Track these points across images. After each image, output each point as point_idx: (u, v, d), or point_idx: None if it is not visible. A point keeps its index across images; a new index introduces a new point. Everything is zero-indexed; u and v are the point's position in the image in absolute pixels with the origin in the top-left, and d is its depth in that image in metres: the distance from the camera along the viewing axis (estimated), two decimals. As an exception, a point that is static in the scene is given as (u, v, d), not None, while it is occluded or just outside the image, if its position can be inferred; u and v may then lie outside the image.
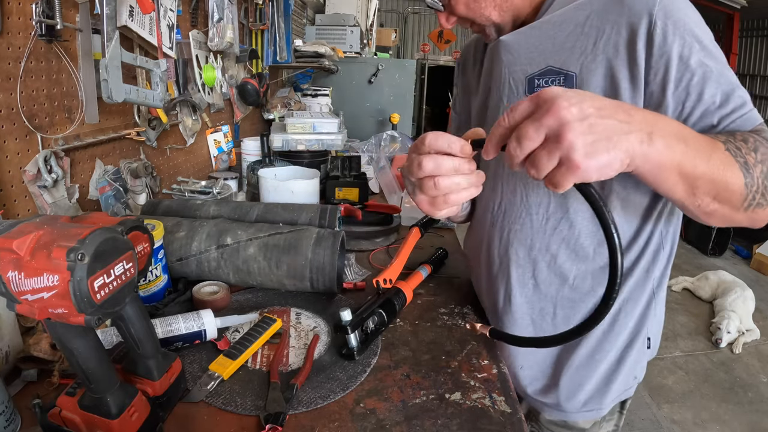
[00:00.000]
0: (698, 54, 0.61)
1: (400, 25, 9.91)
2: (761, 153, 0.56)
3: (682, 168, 0.50)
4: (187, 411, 0.65)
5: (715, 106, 0.61)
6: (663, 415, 2.33)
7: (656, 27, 0.61)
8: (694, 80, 0.61)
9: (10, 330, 0.69)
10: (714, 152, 0.53)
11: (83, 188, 1.05)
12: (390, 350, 0.81)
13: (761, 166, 0.55)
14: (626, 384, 0.83)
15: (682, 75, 0.61)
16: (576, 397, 0.81)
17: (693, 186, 0.52)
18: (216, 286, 0.93)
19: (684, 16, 0.62)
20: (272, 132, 1.65)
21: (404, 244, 1.06)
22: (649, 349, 0.83)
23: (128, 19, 1.04)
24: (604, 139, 0.44)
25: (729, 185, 0.53)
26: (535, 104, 0.45)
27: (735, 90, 0.61)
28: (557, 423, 0.87)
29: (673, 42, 0.61)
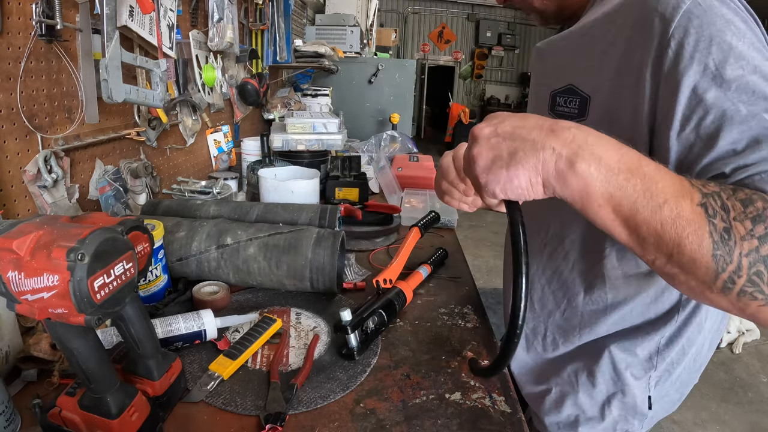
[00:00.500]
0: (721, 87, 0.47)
1: (400, 25, 9.91)
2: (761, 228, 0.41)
3: (617, 205, 0.41)
4: (187, 411, 0.65)
5: (733, 152, 0.46)
6: (663, 415, 2.33)
7: (671, 46, 0.49)
8: (708, 120, 0.47)
9: (10, 330, 0.69)
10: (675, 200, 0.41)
11: (83, 188, 1.05)
12: (390, 350, 0.81)
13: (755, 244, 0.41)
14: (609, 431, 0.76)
15: (692, 112, 0.48)
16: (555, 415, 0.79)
17: (637, 234, 0.42)
18: (216, 286, 0.93)
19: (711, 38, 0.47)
20: (272, 132, 1.65)
21: (404, 244, 1.06)
22: (651, 410, 0.75)
23: (128, 19, 1.04)
24: (506, 156, 0.44)
25: (683, 249, 0.41)
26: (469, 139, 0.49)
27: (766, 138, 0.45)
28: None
29: (689, 68, 0.48)
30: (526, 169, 0.43)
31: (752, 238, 0.40)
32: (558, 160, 0.42)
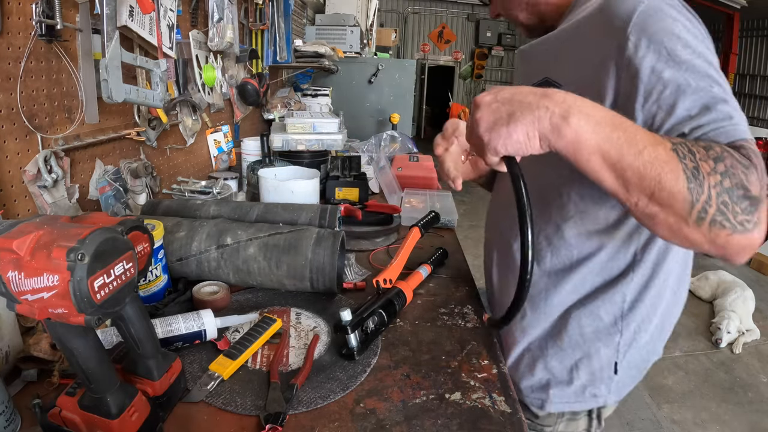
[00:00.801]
0: (674, 67, 0.57)
1: (400, 25, 9.91)
2: (724, 165, 0.50)
3: (605, 153, 0.50)
4: (187, 411, 0.65)
5: (689, 116, 0.56)
6: (663, 415, 2.33)
7: (630, 40, 0.60)
8: (667, 92, 0.57)
9: (10, 330, 0.69)
10: (652, 147, 0.50)
11: (83, 188, 1.05)
12: (390, 350, 0.81)
13: (719, 177, 0.50)
14: (578, 397, 0.80)
15: (653, 87, 0.58)
16: (528, 379, 0.83)
17: (622, 176, 0.51)
18: (216, 286, 0.93)
19: (661, 30, 0.59)
20: (272, 132, 1.65)
21: (404, 244, 1.06)
22: (617, 374, 0.79)
23: (128, 19, 1.04)
24: (505, 116, 0.53)
25: (663, 185, 0.49)
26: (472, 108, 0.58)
27: (717, 102, 0.55)
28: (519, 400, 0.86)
29: (646, 55, 0.59)
30: (524, 125, 0.52)
31: (716, 174, 0.50)
32: (552, 116, 0.51)
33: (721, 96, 0.56)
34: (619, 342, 0.77)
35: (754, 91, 7.82)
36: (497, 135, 0.53)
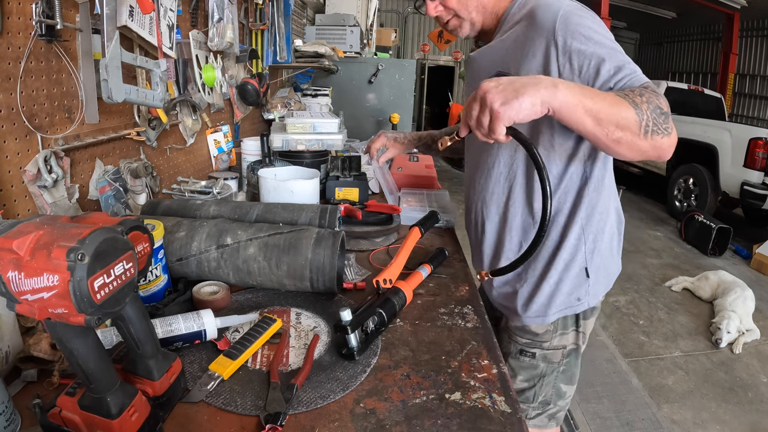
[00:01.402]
0: (592, 47, 0.85)
1: (400, 25, 9.91)
2: (646, 97, 0.78)
3: (585, 105, 0.74)
4: (187, 411, 0.65)
5: (610, 75, 0.84)
6: (663, 415, 2.33)
7: (558, 36, 0.87)
8: (592, 63, 0.85)
9: (10, 330, 0.69)
10: (607, 95, 0.77)
11: (83, 188, 1.05)
12: (390, 350, 0.81)
13: (647, 104, 0.77)
14: (568, 302, 1.03)
15: (582, 62, 0.86)
16: (529, 306, 1.03)
17: (597, 118, 0.75)
18: (216, 286, 0.93)
19: (576, 25, 0.86)
20: (272, 132, 1.65)
21: (404, 244, 1.07)
22: (589, 278, 1.02)
23: (128, 19, 1.04)
24: (512, 92, 0.71)
25: (623, 114, 0.76)
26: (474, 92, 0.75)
27: (625, 64, 0.84)
28: (518, 328, 1.08)
29: (572, 43, 0.86)
30: (530, 96, 0.72)
31: (644, 102, 0.78)
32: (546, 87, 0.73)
33: (625, 59, 0.85)
34: (584, 250, 1.00)
35: (754, 91, 7.82)
36: (510, 107, 0.71)
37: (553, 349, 1.07)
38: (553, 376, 1.09)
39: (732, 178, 4.75)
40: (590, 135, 0.78)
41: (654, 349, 2.90)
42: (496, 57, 1.00)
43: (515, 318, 1.08)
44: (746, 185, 4.61)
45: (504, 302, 1.10)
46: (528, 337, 1.07)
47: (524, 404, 1.11)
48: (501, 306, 1.12)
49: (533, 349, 1.08)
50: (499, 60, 0.99)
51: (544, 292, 1.02)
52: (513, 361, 1.10)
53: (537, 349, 1.07)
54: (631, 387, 2.51)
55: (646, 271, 3.93)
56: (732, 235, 4.37)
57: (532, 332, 1.07)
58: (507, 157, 1.01)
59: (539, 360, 1.08)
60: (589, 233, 0.99)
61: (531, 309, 1.04)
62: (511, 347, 1.10)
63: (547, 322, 1.05)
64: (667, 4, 8.57)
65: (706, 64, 8.96)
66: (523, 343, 1.08)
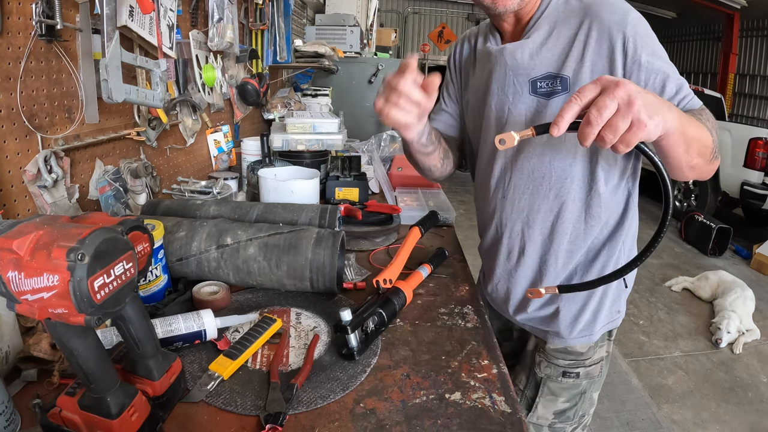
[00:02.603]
0: (658, 61, 0.82)
1: (400, 25, 9.91)
2: (711, 122, 0.80)
3: (684, 131, 0.69)
4: (187, 411, 0.65)
5: (673, 94, 0.82)
6: (663, 415, 2.33)
7: (629, 43, 0.82)
8: (658, 78, 0.82)
9: (10, 330, 0.69)
10: (695, 120, 0.74)
11: (83, 188, 1.05)
12: (390, 350, 0.81)
13: (714, 129, 0.79)
14: (611, 316, 1.02)
15: (649, 75, 0.82)
16: (574, 327, 0.99)
17: (688, 144, 0.72)
18: (216, 286, 0.93)
19: (645, 35, 0.83)
20: (272, 132, 1.65)
21: (404, 244, 1.07)
22: (627, 288, 1.03)
23: (128, 19, 1.04)
24: (655, 108, 0.61)
25: (705, 142, 0.75)
26: (601, 85, 0.60)
27: (683, 82, 0.83)
28: (559, 350, 1.03)
29: (642, 54, 0.82)
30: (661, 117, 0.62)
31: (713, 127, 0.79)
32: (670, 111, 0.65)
33: (683, 80, 0.84)
34: (619, 258, 0.97)
35: (754, 91, 7.81)
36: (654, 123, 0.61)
37: (593, 364, 1.04)
38: (591, 389, 1.06)
39: (732, 178, 4.74)
40: (673, 160, 0.75)
41: (654, 349, 2.90)
42: (544, 55, 0.89)
43: (556, 340, 1.02)
44: (746, 185, 4.61)
45: (541, 325, 1.04)
46: (571, 358, 1.03)
47: (564, 423, 1.07)
48: (535, 329, 1.06)
49: (577, 369, 1.03)
50: (551, 59, 0.88)
51: (590, 309, 0.98)
52: (553, 384, 1.05)
53: (581, 368, 1.03)
54: (631, 387, 2.51)
55: (646, 271, 3.93)
56: (732, 235, 4.37)
57: (576, 352, 1.02)
58: (560, 170, 0.91)
59: (582, 378, 1.04)
60: (626, 239, 0.97)
61: (576, 329, 0.99)
62: (551, 371, 1.04)
63: (593, 341, 1.01)
64: (667, 4, 8.57)
65: (706, 64, 8.95)
66: (566, 365, 1.03)
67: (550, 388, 1.05)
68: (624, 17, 0.82)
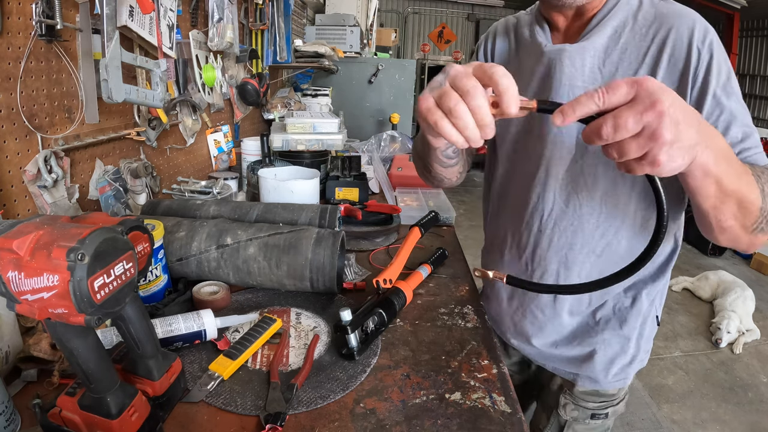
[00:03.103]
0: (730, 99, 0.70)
1: (400, 25, 9.90)
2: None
3: (720, 181, 0.56)
4: (187, 411, 0.65)
5: (738, 140, 0.70)
6: (663, 415, 2.32)
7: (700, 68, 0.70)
8: (723, 117, 0.70)
9: (10, 330, 0.69)
10: (745, 174, 0.60)
11: (83, 188, 1.05)
12: (390, 350, 0.81)
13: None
14: (644, 355, 0.96)
15: (713, 110, 0.70)
16: (609, 370, 0.93)
17: (722, 200, 0.59)
18: (216, 286, 0.93)
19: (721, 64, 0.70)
20: (272, 132, 1.65)
21: (404, 244, 1.06)
22: (659, 325, 0.95)
23: (128, 19, 1.04)
24: (685, 147, 0.48)
25: (749, 205, 0.61)
26: (635, 93, 0.45)
27: (753, 132, 0.71)
28: (590, 392, 0.97)
29: (713, 85, 0.70)
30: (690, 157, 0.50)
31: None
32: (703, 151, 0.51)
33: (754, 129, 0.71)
34: (655, 295, 0.90)
35: (754, 91, 7.81)
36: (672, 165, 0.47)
37: (620, 401, 1.00)
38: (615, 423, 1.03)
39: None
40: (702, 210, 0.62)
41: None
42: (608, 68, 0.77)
43: (587, 382, 0.95)
44: (746, 185, 4.61)
45: (570, 368, 0.96)
46: (601, 400, 0.97)
47: None
48: (563, 371, 0.97)
49: (606, 410, 0.98)
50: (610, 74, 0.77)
51: (629, 353, 0.92)
52: (579, 427, 0.99)
53: (610, 408, 0.98)
54: (631, 387, 2.51)
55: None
56: (732, 235, 4.37)
57: (608, 395, 0.96)
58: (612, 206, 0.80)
59: (610, 417, 0.99)
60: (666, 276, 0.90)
61: (611, 372, 0.92)
62: (578, 413, 0.98)
63: (627, 384, 0.96)
64: (667, 4, 8.57)
65: (706, 64, 8.95)
66: (595, 407, 0.97)
67: (576, 430, 1.00)
68: (704, 36, 0.71)
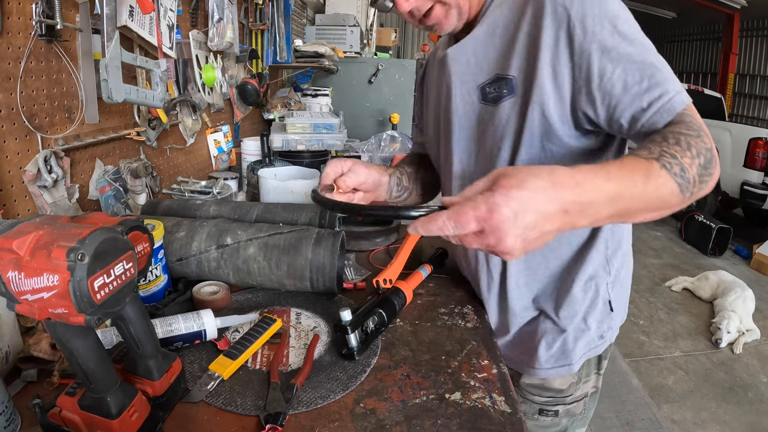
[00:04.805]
0: (619, 45, 0.63)
1: (400, 25, 9.89)
2: (694, 148, 0.59)
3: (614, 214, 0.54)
4: (187, 411, 0.65)
5: (643, 91, 0.63)
6: (663, 415, 2.33)
7: (575, 26, 0.65)
8: (618, 71, 0.64)
9: (10, 330, 0.69)
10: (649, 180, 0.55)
11: (83, 188, 1.05)
12: (390, 350, 0.81)
13: (697, 160, 0.58)
14: (592, 343, 0.90)
15: (604, 67, 0.64)
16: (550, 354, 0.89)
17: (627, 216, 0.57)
18: (216, 286, 0.93)
19: (601, 11, 0.64)
20: (272, 132, 1.65)
21: (404, 244, 1.06)
22: (613, 311, 0.90)
23: (128, 19, 1.04)
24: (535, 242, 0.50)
25: (664, 201, 0.57)
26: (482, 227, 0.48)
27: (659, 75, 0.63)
28: (536, 385, 0.93)
29: (593, 38, 0.64)
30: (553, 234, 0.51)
31: (693, 160, 0.58)
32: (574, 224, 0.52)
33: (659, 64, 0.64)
34: (608, 282, 0.87)
35: (754, 91, 7.81)
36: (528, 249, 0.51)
37: (575, 401, 0.94)
38: (573, 426, 0.97)
39: (732, 178, 4.74)
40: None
41: (654, 349, 2.90)
42: (490, 55, 0.76)
43: (530, 372, 0.91)
44: (746, 185, 4.61)
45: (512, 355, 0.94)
46: (548, 395, 0.93)
47: None
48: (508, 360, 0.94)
49: (555, 407, 0.93)
50: (496, 58, 0.75)
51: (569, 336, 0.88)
52: (530, 423, 0.95)
53: (560, 405, 0.93)
54: (631, 387, 2.51)
55: (646, 271, 3.93)
56: (732, 235, 4.37)
57: (554, 389, 0.92)
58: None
59: (562, 416, 0.94)
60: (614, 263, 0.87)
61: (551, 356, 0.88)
62: (526, 407, 0.95)
63: (573, 371, 0.90)
64: (667, 4, 8.57)
65: (706, 64, 8.95)
66: (542, 402, 0.93)
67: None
68: None
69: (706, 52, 9.03)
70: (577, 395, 0.93)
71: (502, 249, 0.49)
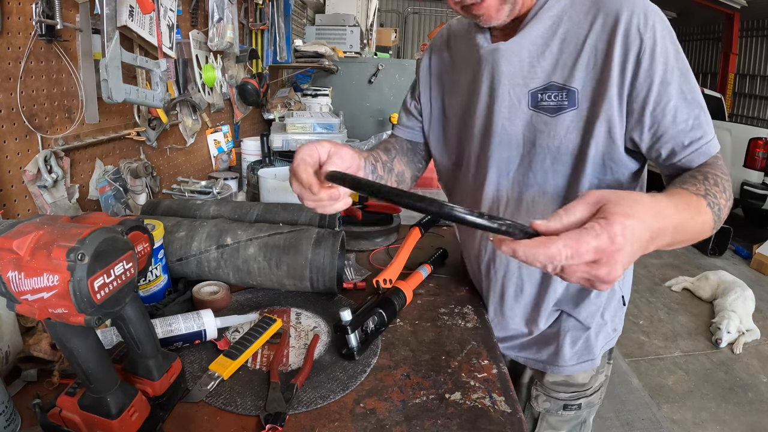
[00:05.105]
0: (677, 79, 0.68)
1: (400, 25, 9.90)
2: (728, 191, 0.66)
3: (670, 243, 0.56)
4: (187, 411, 0.65)
5: (688, 129, 0.69)
6: (663, 415, 2.33)
7: (645, 52, 0.68)
8: (671, 104, 0.68)
9: (10, 330, 0.69)
10: (699, 215, 0.60)
11: (83, 188, 1.05)
12: (390, 350, 0.81)
13: (728, 202, 0.65)
14: (608, 336, 0.95)
15: (660, 97, 0.68)
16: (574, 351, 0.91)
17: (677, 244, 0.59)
18: (216, 286, 0.93)
19: (668, 44, 0.68)
20: (272, 132, 1.66)
21: (404, 244, 1.06)
22: (624, 305, 0.96)
23: (128, 19, 1.04)
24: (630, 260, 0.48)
25: (703, 234, 0.62)
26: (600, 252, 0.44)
27: (703, 117, 0.70)
28: (560, 382, 0.95)
29: (657, 68, 0.68)
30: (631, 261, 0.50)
31: (726, 201, 0.64)
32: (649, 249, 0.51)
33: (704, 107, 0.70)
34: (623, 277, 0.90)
35: (754, 91, 7.81)
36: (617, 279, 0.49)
37: (594, 392, 0.98)
38: (591, 416, 1.01)
39: (732, 178, 4.72)
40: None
41: (654, 349, 2.90)
42: (546, 59, 0.74)
43: (555, 371, 0.93)
44: (746, 185, 4.61)
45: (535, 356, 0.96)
46: (572, 390, 0.95)
47: None
48: (530, 361, 0.97)
49: (578, 401, 0.96)
50: (555, 66, 0.74)
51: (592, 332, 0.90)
52: (553, 418, 0.98)
53: (582, 399, 0.96)
54: (631, 387, 2.51)
55: (645, 271, 3.93)
56: (732, 235, 4.37)
57: (578, 384, 0.95)
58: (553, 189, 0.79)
59: (584, 408, 0.98)
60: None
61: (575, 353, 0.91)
62: (551, 405, 0.97)
63: (596, 365, 0.93)
64: (667, 4, 8.57)
65: (706, 64, 8.95)
66: (566, 398, 0.96)
67: (550, 422, 0.99)
68: (645, 19, 0.67)
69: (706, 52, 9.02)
70: (595, 386, 0.98)
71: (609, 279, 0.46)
